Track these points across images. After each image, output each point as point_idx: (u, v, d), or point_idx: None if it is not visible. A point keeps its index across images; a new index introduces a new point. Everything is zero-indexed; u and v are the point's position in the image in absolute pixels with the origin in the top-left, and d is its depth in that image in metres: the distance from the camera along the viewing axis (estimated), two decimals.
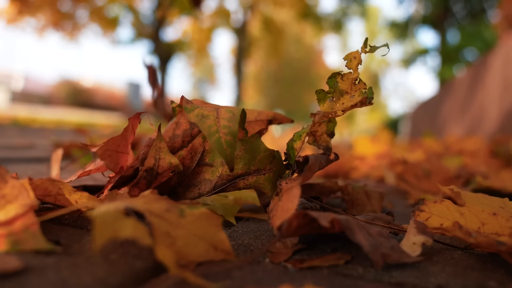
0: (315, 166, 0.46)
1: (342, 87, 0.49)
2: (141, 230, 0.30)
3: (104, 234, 0.28)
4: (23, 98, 19.76)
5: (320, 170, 0.49)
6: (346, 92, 0.48)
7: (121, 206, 0.32)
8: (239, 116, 0.44)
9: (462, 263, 0.40)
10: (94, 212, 0.30)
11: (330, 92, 0.49)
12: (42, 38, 10.75)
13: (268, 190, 0.50)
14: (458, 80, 4.79)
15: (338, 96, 0.49)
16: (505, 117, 3.02)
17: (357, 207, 0.61)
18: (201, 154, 0.51)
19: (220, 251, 0.36)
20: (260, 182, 0.50)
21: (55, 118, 8.22)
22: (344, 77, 0.48)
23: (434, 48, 12.88)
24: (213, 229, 0.36)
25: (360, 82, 0.47)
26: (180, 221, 0.35)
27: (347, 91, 0.48)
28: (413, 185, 0.91)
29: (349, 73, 0.48)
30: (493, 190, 0.87)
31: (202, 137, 0.50)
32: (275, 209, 0.42)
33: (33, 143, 2.00)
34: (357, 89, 0.47)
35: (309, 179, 0.49)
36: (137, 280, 0.32)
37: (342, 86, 0.49)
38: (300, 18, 12.39)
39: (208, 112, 0.44)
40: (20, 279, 0.29)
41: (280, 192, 0.44)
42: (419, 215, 0.45)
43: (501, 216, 0.43)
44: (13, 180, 0.39)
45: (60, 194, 0.45)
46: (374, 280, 0.35)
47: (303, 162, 0.46)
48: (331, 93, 0.49)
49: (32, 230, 0.35)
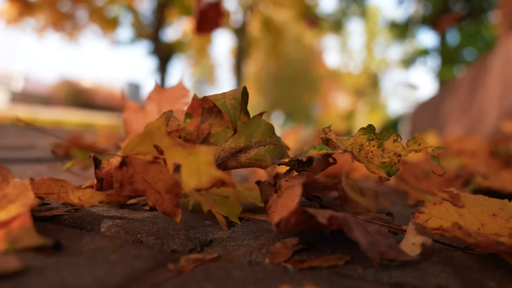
0: (318, 168, 0.46)
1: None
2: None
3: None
4: (23, 99, 19.75)
5: (321, 172, 0.49)
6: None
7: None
8: (242, 90, 0.51)
9: (462, 264, 0.40)
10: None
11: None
12: (42, 39, 10.74)
13: (268, 161, 0.51)
14: (458, 81, 4.80)
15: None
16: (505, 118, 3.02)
17: (351, 204, 0.60)
18: (206, 136, 0.54)
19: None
20: (261, 154, 0.52)
21: (55, 119, 8.21)
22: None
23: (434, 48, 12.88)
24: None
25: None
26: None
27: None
28: (412, 185, 0.91)
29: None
30: (492, 190, 0.87)
31: (209, 123, 0.55)
32: (274, 205, 0.42)
33: (33, 144, 2.00)
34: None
35: (312, 178, 0.49)
36: (137, 281, 0.32)
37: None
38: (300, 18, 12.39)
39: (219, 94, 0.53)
40: (20, 280, 0.29)
41: (280, 190, 0.44)
42: (419, 217, 0.45)
43: (500, 217, 0.43)
44: (15, 180, 0.39)
45: (63, 191, 0.45)
46: (374, 280, 0.35)
47: (307, 162, 0.46)
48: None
49: (26, 227, 0.35)
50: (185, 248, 0.42)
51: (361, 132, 0.49)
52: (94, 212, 0.54)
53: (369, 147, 0.49)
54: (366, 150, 0.49)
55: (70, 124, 6.33)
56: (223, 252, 0.41)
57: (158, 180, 0.45)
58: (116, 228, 0.46)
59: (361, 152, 0.49)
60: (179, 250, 0.41)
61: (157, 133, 0.43)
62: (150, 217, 0.53)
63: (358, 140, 0.49)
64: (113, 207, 0.58)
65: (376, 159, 0.48)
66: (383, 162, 0.48)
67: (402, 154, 0.48)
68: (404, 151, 0.48)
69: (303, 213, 0.37)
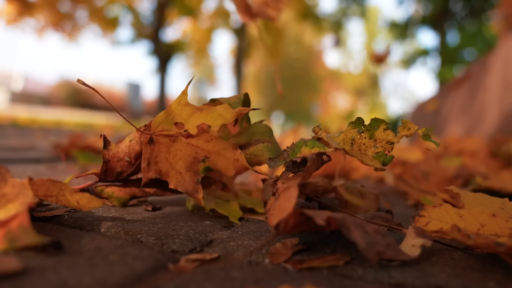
0: (312, 168, 0.46)
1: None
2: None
3: None
4: (22, 99, 19.75)
5: (316, 171, 0.49)
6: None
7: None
8: (243, 98, 0.55)
9: (461, 264, 0.40)
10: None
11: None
12: (42, 39, 10.74)
13: (265, 156, 0.55)
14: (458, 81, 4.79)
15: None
16: (505, 118, 3.02)
17: (351, 208, 0.60)
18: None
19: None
20: (260, 149, 0.56)
21: (55, 119, 8.22)
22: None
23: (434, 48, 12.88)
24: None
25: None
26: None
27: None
28: (412, 186, 0.91)
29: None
30: (492, 190, 0.87)
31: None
32: (273, 208, 0.42)
33: (32, 144, 2.00)
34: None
35: (308, 178, 0.49)
36: (137, 281, 0.32)
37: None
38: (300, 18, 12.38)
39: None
40: (20, 280, 0.29)
41: (277, 192, 0.44)
42: (419, 221, 0.45)
43: (500, 217, 0.43)
44: (14, 179, 0.39)
45: (61, 194, 0.45)
46: (373, 280, 0.35)
47: (301, 163, 0.46)
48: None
49: (25, 226, 0.35)
50: (185, 248, 0.42)
51: (350, 127, 0.49)
52: (94, 212, 0.54)
53: (360, 140, 0.49)
54: (358, 143, 0.49)
55: (70, 124, 6.33)
56: (223, 252, 0.41)
57: (179, 159, 0.50)
58: (116, 228, 0.46)
59: (354, 146, 0.49)
60: (179, 250, 0.41)
61: (177, 108, 0.50)
62: (150, 217, 0.53)
63: (349, 135, 0.49)
64: (113, 207, 0.58)
65: (369, 151, 0.48)
66: (377, 152, 0.48)
67: (394, 141, 0.48)
68: (396, 138, 0.48)
69: (301, 215, 0.37)
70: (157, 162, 0.50)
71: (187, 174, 0.50)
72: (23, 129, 3.66)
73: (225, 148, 0.50)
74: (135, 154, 0.53)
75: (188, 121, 0.49)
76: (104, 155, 0.52)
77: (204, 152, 0.51)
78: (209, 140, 0.51)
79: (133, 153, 0.53)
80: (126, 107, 14.10)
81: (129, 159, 0.53)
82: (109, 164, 0.53)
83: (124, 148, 0.53)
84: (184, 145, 0.50)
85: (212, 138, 0.50)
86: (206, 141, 0.50)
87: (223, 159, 0.51)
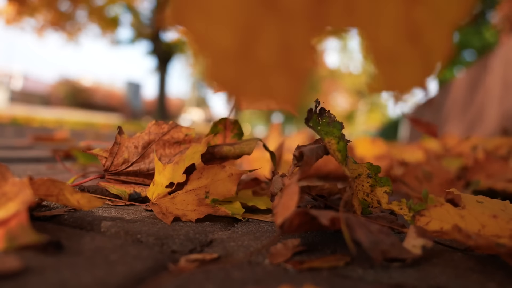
0: (311, 160, 0.46)
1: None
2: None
3: None
4: (22, 98, 19.75)
5: (318, 160, 0.49)
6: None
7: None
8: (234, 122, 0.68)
9: (462, 265, 0.40)
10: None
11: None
12: (42, 38, 10.74)
13: (252, 147, 0.63)
14: (458, 81, 4.80)
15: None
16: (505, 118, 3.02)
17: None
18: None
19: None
20: (245, 144, 0.64)
21: (55, 118, 8.22)
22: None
23: None
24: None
25: None
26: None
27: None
28: (413, 187, 0.91)
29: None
30: (494, 191, 0.87)
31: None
32: (278, 206, 0.42)
33: (32, 144, 2.00)
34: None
35: (308, 172, 0.50)
36: (137, 281, 0.32)
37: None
38: None
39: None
40: (20, 280, 0.29)
41: (283, 189, 0.44)
42: (420, 220, 0.45)
43: (501, 219, 0.43)
44: (14, 178, 0.39)
45: (61, 194, 0.45)
46: (374, 281, 0.35)
47: (299, 157, 0.46)
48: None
49: (24, 224, 0.35)
50: (185, 249, 0.42)
51: (367, 166, 0.51)
52: (94, 212, 0.54)
53: (363, 181, 0.51)
54: (361, 180, 0.51)
55: (70, 123, 6.33)
56: (223, 252, 0.41)
57: (187, 204, 0.57)
58: (116, 228, 0.46)
59: (357, 180, 0.52)
60: (179, 251, 0.41)
61: (157, 177, 0.59)
62: (150, 217, 0.53)
63: (360, 169, 0.52)
64: (113, 207, 0.58)
65: (360, 194, 0.51)
66: (364, 199, 0.51)
67: (383, 206, 0.50)
68: (384, 206, 0.50)
69: (306, 215, 0.37)
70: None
71: (200, 209, 0.54)
72: (23, 128, 3.66)
73: (216, 174, 0.56)
74: (142, 143, 0.63)
75: (170, 178, 0.55)
76: (116, 138, 0.62)
77: (202, 189, 0.56)
78: (199, 177, 0.57)
79: (141, 142, 0.63)
80: (126, 106, 14.10)
81: (137, 147, 0.63)
82: (119, 147, 0.62)
83: (133, 140, 0.63)
84: (183, 195, 0.56)
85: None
86: (197, 179, 0.57)
87: (220, 184, 0.56)
